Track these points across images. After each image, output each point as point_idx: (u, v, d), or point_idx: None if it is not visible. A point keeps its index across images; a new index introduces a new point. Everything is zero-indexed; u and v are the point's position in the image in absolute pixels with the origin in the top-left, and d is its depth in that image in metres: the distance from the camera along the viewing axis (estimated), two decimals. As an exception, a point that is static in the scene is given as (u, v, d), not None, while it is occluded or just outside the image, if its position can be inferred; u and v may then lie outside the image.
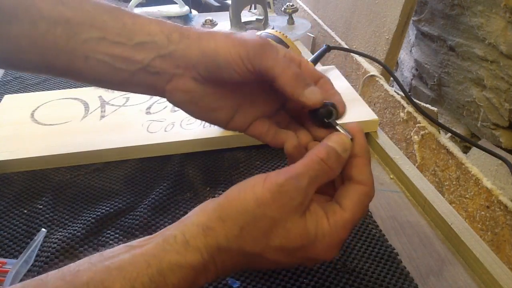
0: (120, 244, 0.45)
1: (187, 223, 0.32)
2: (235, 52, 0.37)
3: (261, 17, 0.95)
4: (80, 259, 0.43)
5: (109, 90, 0.69)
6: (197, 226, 0.32)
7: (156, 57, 0.40)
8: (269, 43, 0.38)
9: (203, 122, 0.61)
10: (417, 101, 0.85)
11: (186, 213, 0.49)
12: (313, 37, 1.21)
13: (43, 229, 0.47)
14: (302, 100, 0.36)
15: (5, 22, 0.39)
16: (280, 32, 0.60)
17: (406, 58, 1.40)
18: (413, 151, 0.82)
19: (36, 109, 0.65)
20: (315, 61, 0.73)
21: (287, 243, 0.32)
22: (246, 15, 1.00)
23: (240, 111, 0.42)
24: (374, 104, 0.92)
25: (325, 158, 0.33)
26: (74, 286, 0.28)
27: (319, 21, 1.21)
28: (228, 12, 0.93)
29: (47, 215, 0.49)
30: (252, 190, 0.32)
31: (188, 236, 0.31)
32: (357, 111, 0.63)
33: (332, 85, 0.40)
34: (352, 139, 0.35)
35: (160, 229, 0.47)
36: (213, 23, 0.91)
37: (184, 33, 0.41)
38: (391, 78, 0.95)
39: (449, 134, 1.06)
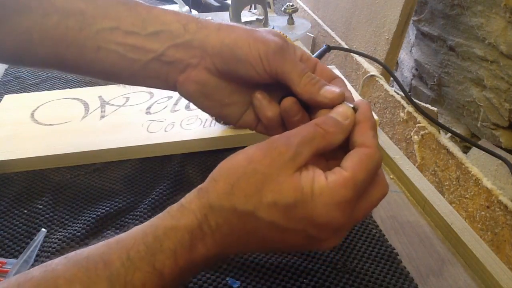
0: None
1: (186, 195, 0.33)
2: (255, 47, 0.37)
3: (261, 17, 0.95)
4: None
5: (110, 90, 0.69)
6: (192, 192, 0.33)
7: (171, 46, 0.39)
8: (288, 46, 0.38)
9: (203, 122, 0.61)
10: (417, 101, 0.85)
11: (186, 213, 0.49)
12: (313, 37, 1.21)
13: (43, 229, 0.47)
14: (319, 100, 0.36)
15: (18, 13, 0.39)
16: (280, 32, 0.60)
17: (406, 58, 1.40)
18: (413, 151, 0.82)
19: (36, 109, 0.65)
20: (315, 61, 0.73)
21: (280, 198, 0.30)
22: (246, 15, 1.00)
23: (252, 108, 0.41)
24: (374, 104, 0.92)
25: (319, 123, 0.33)
26: (74, 262, 0.29)
27: (319, 21, 1.21)
28: (228, 12, 0.93)
29: (47, 215, 0.49)
30: (244, 151, 0.33)
31: (184, 201, 0.32)
32: (357, 111, 0.63)
33: (346, 85, 0.39)
34: (355, 109, 0.35)
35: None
36: (213, 23, 0.90)
37: (202, 24, 0.40)
38: (391, 78, 0.95)
39: (449, 134, 1.06)
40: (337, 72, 0.74)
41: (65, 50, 0.40)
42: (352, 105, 0.35)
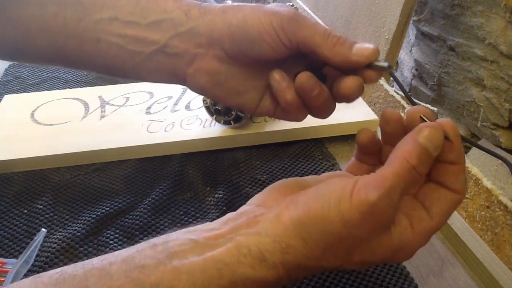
0: (120, 244, 0.45)
1: (262, 233, 0.29)
2: (266, 21, 0.34)
3: (261, 17, 0.95)
4: (80, 259, 0.43)
5: (110, 90, 0.69)
6: (273, 241, 0.29)
7: (174, 35, 0.37)
8: (300, 13, 0.34)
9: (203, 122, 0.61)
10: (417, 101, 0.85)
11: (186, 213, 0.49)
12: (313, 37, 1.21)
13: (43, 229, 0.47)
14: (354, 60, 0.32)
15: (16, 5, 0.38)
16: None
17: (406, 58, 1.40)
18: (413, 151, 0.82)
19: (36, 109, 0.65)
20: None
21: (369, 258, 0.30)
22: (246, 15, 1.00)
23: (268, 92, 0.38)
24: (374, 104, 0.92)
25: (417, 165, 0.28)
26: (142, 286, 0.27)
27: (319, 21, 1.21)
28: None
29: (47, 215, 0.49)
30: (338, 208, 0.28)
31: (264, 250, 0.29)
32: (357, 111, 0.63)
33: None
34: (448, 140, 0.30)
35: (160, 230, 0.47)
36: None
37: (205, 9, 0.37)
38: (391, 78, 0.95)
39: (449, 134, 1.06)
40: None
41: (64, 42, 0.38)
42: (386, 64, 0.32)
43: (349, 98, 0.36)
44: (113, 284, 0.26)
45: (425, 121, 0.31)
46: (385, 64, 0.32)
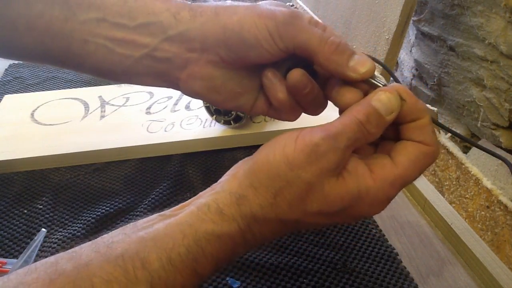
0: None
1: (219, 191, 0.31)
2: (261, 26, 0.32)
3: (261, 17, 0.95)
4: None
5: (110, 90, 0.69)
6: (229, 194, 0.30)
7: (163, 39, 0.35)
8: (297, 12, 0.33)
9: (203, 122, 0.61)
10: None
11: (186, 213, 0.49)
12: (313, 37, 1.21)
13: (43, 229, 0.47)
14: (348, 75, 0.31)
15: (2, 2, 0.37)
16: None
17: (406, 58, 1.40)
18: (413, 151, 0.82)
19: (36, 109, 0.65)
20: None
21: (327, 208, 0.30)
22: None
23: (262, 91, 0.37)
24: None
25: (364, 121, 0.29)
26: (107, 258, 0.27)
27: (319, 21, 1.21)
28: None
29: (47, 215, 0.49)
30: (283, 151, 0.30)
31: (222, 204, 0.30)
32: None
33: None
34: (403, 100, 0.30)
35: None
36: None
37: (195, 11, 0.35)
38: (391, 78, 0.95)
39: (449, 134, 1.06)
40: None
41: (51, 41, 0.37)
42: (383, 83, 0.31)
43: (344, 108, 0.34)
44: (82, 260, 0.27)
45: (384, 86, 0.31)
46: (382, 82, 0.31)
